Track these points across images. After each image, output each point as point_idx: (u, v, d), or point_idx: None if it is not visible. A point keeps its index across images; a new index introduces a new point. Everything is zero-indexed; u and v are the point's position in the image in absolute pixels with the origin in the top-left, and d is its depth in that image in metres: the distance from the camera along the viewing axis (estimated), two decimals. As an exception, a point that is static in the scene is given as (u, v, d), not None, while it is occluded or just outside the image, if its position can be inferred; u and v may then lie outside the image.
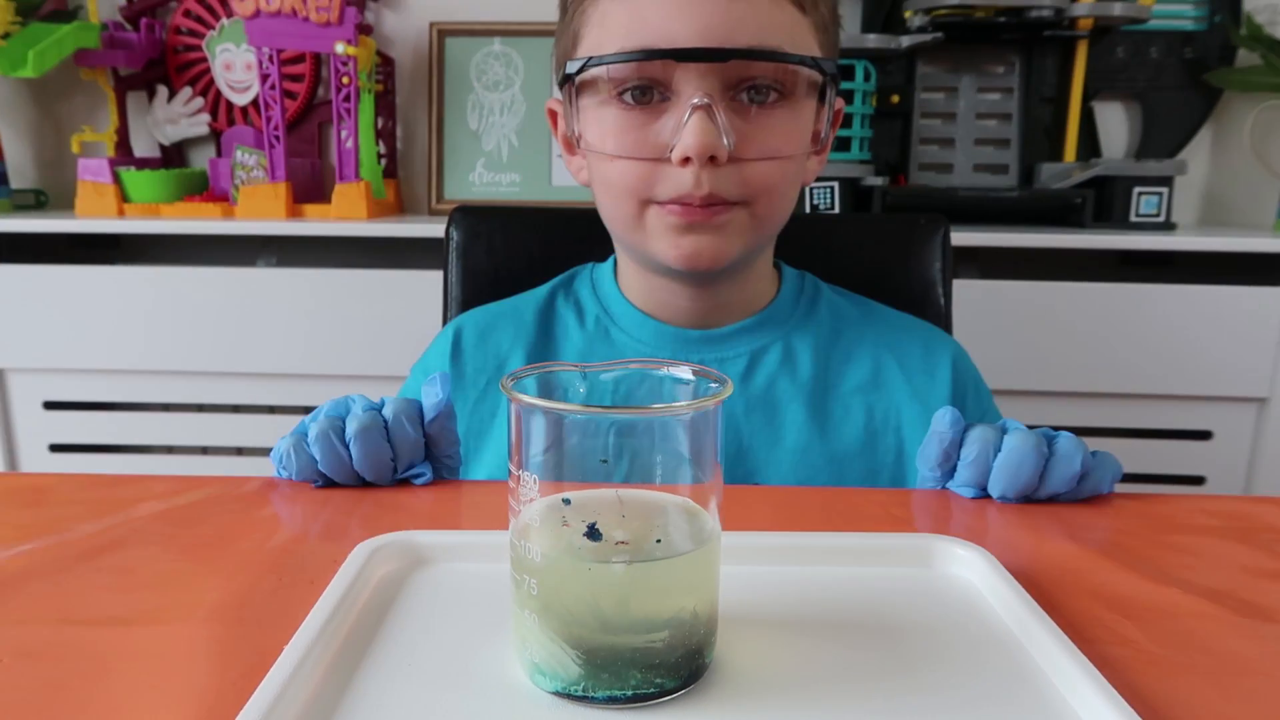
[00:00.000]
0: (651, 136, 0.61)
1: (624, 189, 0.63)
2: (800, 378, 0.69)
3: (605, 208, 0.67)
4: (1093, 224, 1.45)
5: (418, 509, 0.52)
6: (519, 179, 1.63)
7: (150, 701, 0.32)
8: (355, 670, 0.34)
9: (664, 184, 0.61)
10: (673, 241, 0.63)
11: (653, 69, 0.60)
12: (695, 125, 0.58)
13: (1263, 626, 0.39)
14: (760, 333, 0.70)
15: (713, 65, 0.58)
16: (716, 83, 0.59)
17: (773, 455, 0.67)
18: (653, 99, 0.61)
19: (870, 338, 0.72)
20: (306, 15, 1.39)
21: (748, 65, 0.59)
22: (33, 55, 1.41)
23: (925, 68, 1.57)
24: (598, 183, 0.67)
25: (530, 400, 0.32)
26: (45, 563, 0.44)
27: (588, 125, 0.64)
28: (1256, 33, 1.47)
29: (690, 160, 0.59)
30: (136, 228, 1.47)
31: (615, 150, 0.62)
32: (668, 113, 0.61)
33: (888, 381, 0.70)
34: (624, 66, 0.60)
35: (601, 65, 0.60)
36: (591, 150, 0.64)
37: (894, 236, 0.87)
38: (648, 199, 0.63)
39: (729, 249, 0.63)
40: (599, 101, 0.63)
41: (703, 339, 0.70)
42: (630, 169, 0.62)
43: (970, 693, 0.33)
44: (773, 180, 0.63)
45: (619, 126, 0.62)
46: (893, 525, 0.49)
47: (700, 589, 0.33)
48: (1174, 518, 0.52)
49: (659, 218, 0.63)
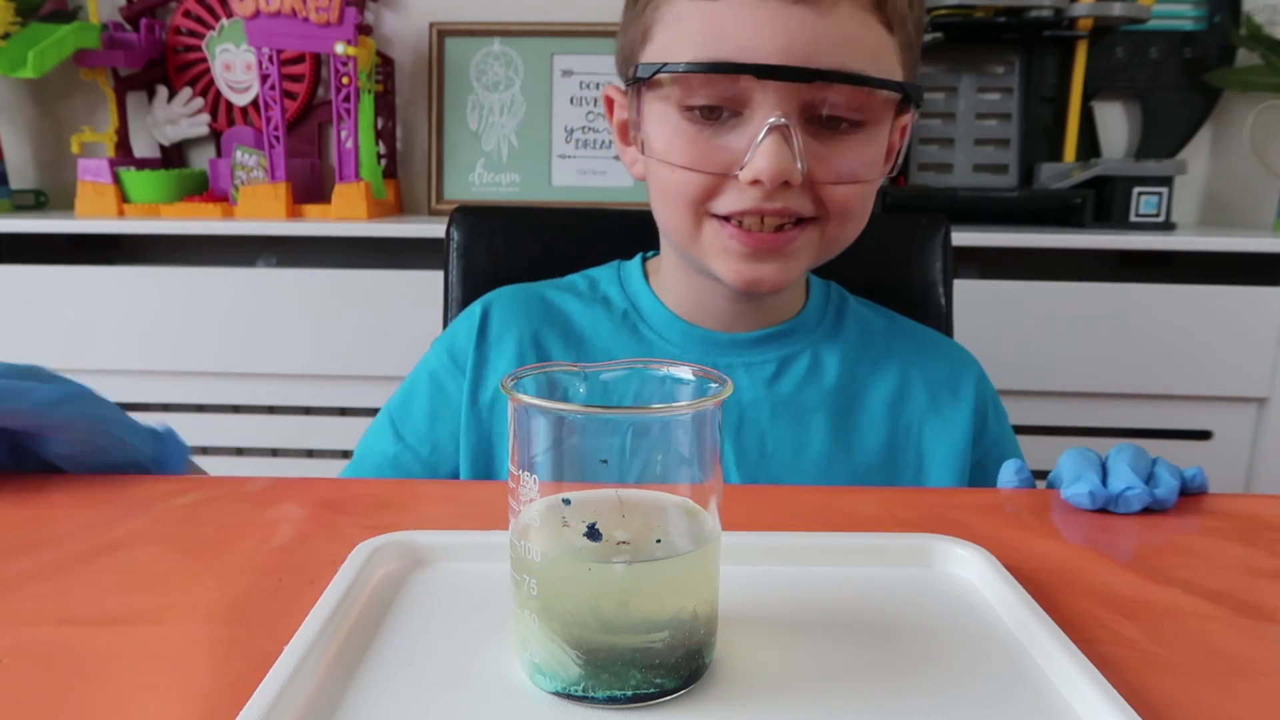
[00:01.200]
0: (720, 150, 0.58)
1: (682, 199, 0.60)
2: (826, 387, 0.68)
3: (660, 214, 0.65)
4: (1092, 224, 1.45)
5: (418, 509, 0.52)
6: (519, 179, 1.63)
7: (150, 701, 0.32)
8: (355, 670, 0.34)
9: (727, 197, 0.58)
10: (734, 265, 0.60)
11: (727, 85, 0.56)
12: (770, 148, 0.55)
13: (1263, 626, 0.39)
14: (789, 340, 0.70)
15: (793, 85, 0.54)
16: (795, 104, 0.56)
17: (797, 463, 0.67)
18: (723, 115, 0.58)
19: (897, 352, 0.71)
20: (306, 15, 1.39)
21: (828, 87, 0.55)
22: (33, 55, 1.41)
23: (925, 68, 1.57)
24: (655, 187, 0.64)
25: (530, 400, 0.32)
26: (45, 563, 0.43)
27: (651, 125, 0.61)
28: (1256, 33, 1.47)
29: (760, 183, 0.56)
30: (136, 228, 1.47)
31: (680, 159, 0.58)
32: (739, 128, 0.57)
33: (912, 398, 0.69)
34: (697, 78, 0.56)
35: (676, 73, 0.56)
36: (654, 156, 0.61)
37: (894, 236, 0.87)
38: (706, 211, 0.60)
39: (793, 273, 0.61)
40: (664, 106, 0.59)
41: (731, 343, 0.69)
42: (692, 181, 0.59)
43: (970, 693, 0.33)
44: (850, 203, 0.60)
45: (685, 136, 0.58)
46: (893, 525, 0.49)
47: (700, 589, 0.33)
48: (1174, 518, 0.52)
49: (717, 235, 0.60)
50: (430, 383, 0.72)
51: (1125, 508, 0.51)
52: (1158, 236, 1.36)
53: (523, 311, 0.72)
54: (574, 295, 0.73)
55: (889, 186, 1.47)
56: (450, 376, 0.71)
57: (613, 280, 0.74)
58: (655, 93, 0.59)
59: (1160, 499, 0.51)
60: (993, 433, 0.71)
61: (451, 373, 0.71)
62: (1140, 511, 0.52)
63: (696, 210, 0.60)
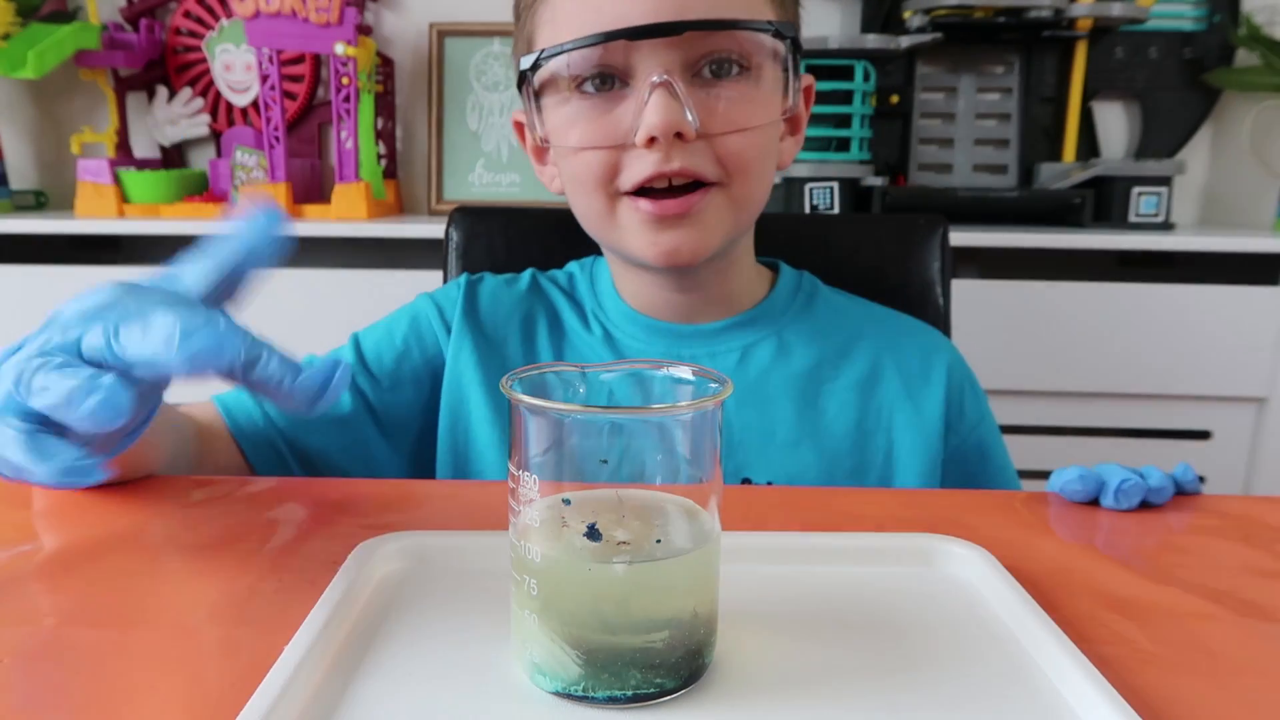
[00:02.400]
0: (614, 123, 0.59)
1: (591, 180, 0.61)
2: (793, 372, 0.69)
3: (577, 207, 0.66)
4: (1092, 224, 1.45)
5: (418, 509, 0.52)
6: (519, 179, 1.63)
7: (150, 701, 0.32)
8: (355, 670, 0.34)
9: (631, 169, 0.60)
10: (649, 239, 0.61)
11: (609, 54, 0.58)
12: (656, 103, 0.56)
13: (1263, 626, 0.39)
14: (753, 328, 0.70)
15: (669, 41, 0.57)
16: (676, 60, 0.58)
17: (764, 449, 0.67)
18: (613, 86, 0.59)
19: (868, 336, 0.72)
20: (306, 16, 1.39)
21: (705, 38, 0.57)
22: (33, 56, 1.42)
23: (925, 68, 1.57)
24: (567, 181, 0.65)
25: (530, 400, 0.32)
26: (45, 563, 0.44)
27: (550, 123, 0.62)
28: (1255, 33, 1.47)
29: (656, 140, 0.57)
30: (136, 228, 1.47)
31: (579, 141, 0.60)
32: (629, 98, 0.59)
33: (883, 381, 0.70)
34: (581, 56, 0.58)
35: (557, 55, 0.58)
36: (556, 146, 0.63)
37: (893, 237, 0.87)
38: (616, 189, 0.61)
39: (709, 240, 0.62)
40: (559, 98, 0.61)
41: (694, 334, 0.70)
42: (595, 159, 0.60)
43: (970, 692, 0.33)
44: (747, 155, 0.61)
45: (580, 117, 0.60)
46: (893, 525, 0.49)
47: (700, 589, 0.33)
48: (1174, 518, 0.52)
49: (631, 211, 0.61)
50: (410, 325, 0.72)
51: (1124, 501, 0.51)
52: (1157, 236, 1.36)
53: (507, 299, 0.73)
54: (557, 288, 0.74)
55: (888, 187, 1.47)
56: (431, 328, 0.72)
57: (585, 277, 0.75)
58: (548, 89, 0.61)
59: (1155, 488, 0.52)
60: (970, 418, 0.71)
61: (435, 325, 0.72)
62: (1138, 508, 0.52)
63: (607, 190, 0.61)
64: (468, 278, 0.75)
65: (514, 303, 0.73)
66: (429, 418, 0.72)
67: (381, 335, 0.72)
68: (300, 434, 0.67)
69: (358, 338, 0.73)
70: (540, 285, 0.75)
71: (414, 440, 0.72)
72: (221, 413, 0.66)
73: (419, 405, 0.72)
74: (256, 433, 0.66)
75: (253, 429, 0.66)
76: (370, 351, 0.71)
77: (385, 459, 0.70)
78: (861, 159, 1.49)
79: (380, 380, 0.70)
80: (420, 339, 0.72)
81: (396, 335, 0.72)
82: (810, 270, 0.77)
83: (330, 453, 0.68)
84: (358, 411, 0.69)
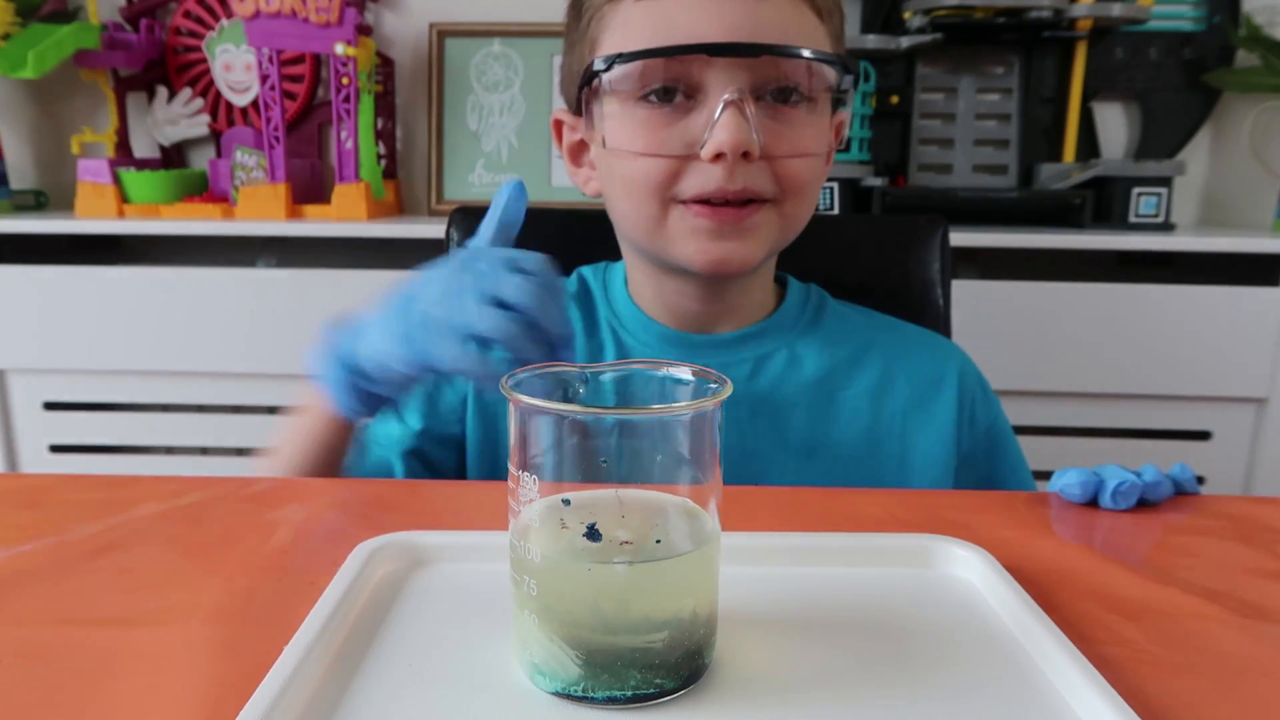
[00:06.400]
0: (680, 133, 0.60)
1: (648, 187, 0.62)
2: (805, 381, 0.69)
3: (624, 210, 0.66)
4: (1092, 224, 1.45)
5: (418, 509, 0.52)
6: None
7: (150, 701, 0.32)
8: (355, 670, 0.34)
9: (691, 180, 0.61)
10: (700, 246, 0.62)
11: (681, 67, 0.59)
12: (728, 121, 0.58)
13: (1263, 626, 0.39)
14: (765, 339, 0.70)
15: (741, 62, 0.58)
16: (745, 80, 0.59)
17: (777, 458, 0.67)
18: (677, 99, 0.60)
19: (878, 345, 0.72)
20: (306, 16, 1.39)
21: (774, 64, 0.59)
22: (33, 56, 1.42)
23: (925, 68, 1.57)
24: (616, 185, 0.65)
25: (530, 401, 0.32)
26: (45, 563, 0.44)
27: (609, 126, 0.63)
28: (1255, 33, 1.47)
29: (723, 156, 0.58)
30: (136, 228, 1.47)
31: (642, 148, 0.61)
32: (695, 111, 0.60)
33: (894, 391, 0.70)
34: (652, 64, 0.59)
35: (633, 61, 0.59)
36: (616, 149, 0.63)
37: (893, 237, 0.87)
38: (672, 197, 0.62)
39: (756, 252, 0.63)
40: (621, 103, 0.62)
41: (707, 344, 0.70)
42: (656, 166, 0.61)
43: (970, 693, 0.33)
44: (803, 178, 0.63)
45: (646, 124, 0.61)
46: (893, 525, 0.49)
47: (700, 589, 0.33)
48: (1174, 518, 0.52)
49: (683, 219, 0.62)
50: None
51: (1121, 502, 0.51)
52: (1157, 237, 1.36)
53: None
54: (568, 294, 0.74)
55: (888, 187, 1.47)
56: None
57: (598, 282, 0.75)
58: (610, 93, 0.62)
59: (1150, 483, 0.52)
60: (982, 422, 0.71)
61: None
62: (1136, 507, 0.52)
63: (662, 197, 0.62)
64: None
65: None
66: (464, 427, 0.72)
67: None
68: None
69: None
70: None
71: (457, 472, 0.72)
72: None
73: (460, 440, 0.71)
74: None
75: None
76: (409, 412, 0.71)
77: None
78: (861, 159, 1.49)
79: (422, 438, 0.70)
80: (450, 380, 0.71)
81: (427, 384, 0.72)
82: (810, 271, 0.77)
83: None
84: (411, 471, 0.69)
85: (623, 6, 0.62)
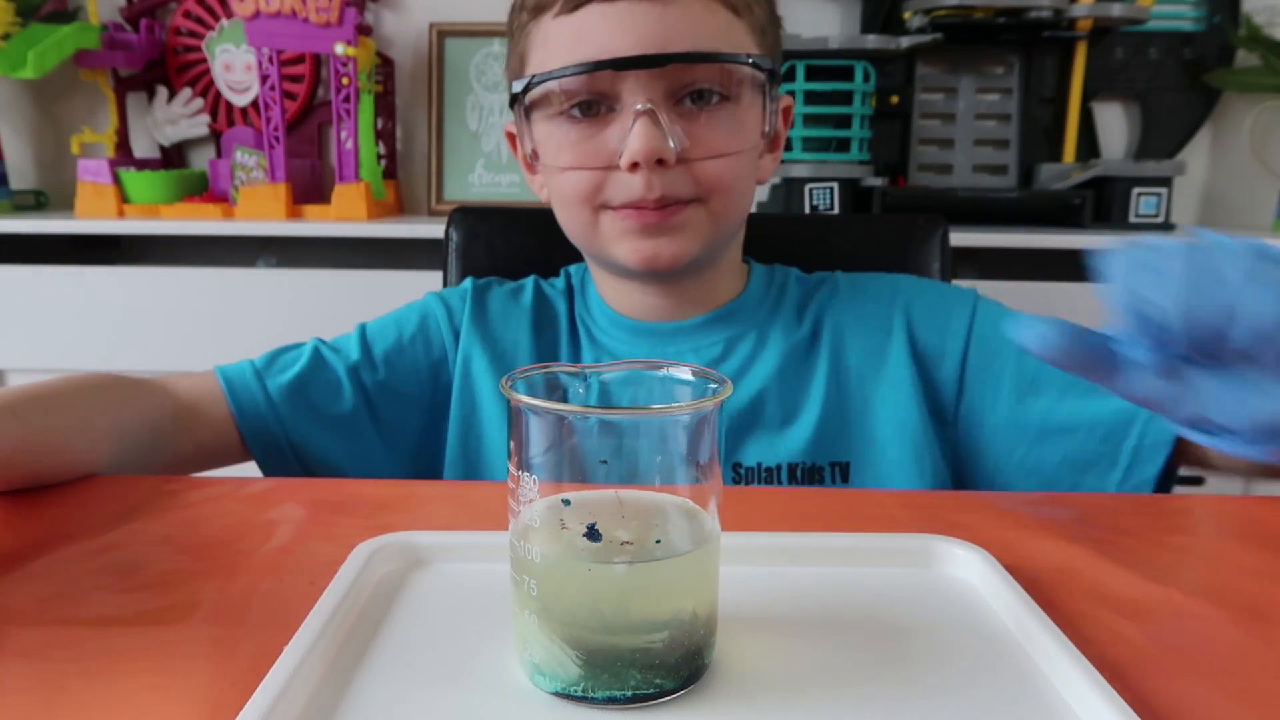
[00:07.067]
0: (600, 146, 0.63)
1: (577, 197, 0.65)
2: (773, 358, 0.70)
3: (563, 219, 0.69)
4: (1092, 225, 1.45)
5: (418, 509, 0.52)
6: (518, 180, 1.63)
7: (150, 701, 0.32)
8: (355, 670, 0.34)
9: (615, 190, 0.63)
10: (631, 246, 0.65)
11: (597, 81, 0.61)
12: (640, 131, 0.60)
13: (1263, 626, 0.39)
14: (732, 321, 0.72)
15: (653, 72, 0.60)
16: (659, 89, 0.61)
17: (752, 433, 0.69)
18: (599, 111, 0.63)
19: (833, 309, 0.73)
20: (306, 16, 1.39)
21: (687, 70, 0.61)
22: (33, 56, 1.42)
23: (924, 68, 1.57)
24: (554, 195, 0.69)
25: (530, 401, 0.32)
26: (45, 563, 0.44)
27: (540, 141, 0.66)
28: (1255, 33, 1.47)
29: (638, 165, 0.61)
30: (136, 228, 1.47)
31: (567, 162, 0.64)
32: (614, 123, 0.62)
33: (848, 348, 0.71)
34: (570, 80, 0.62)
35: (547, 82, 0.62)
36: (545, 164, 0.67)
37: (893, 237, 0.87)
38: (601, 204, 0.65)
39: (688, 248, 0.65)
40: (548, 117, 0.65)
41: (676, 331, 0.72)
42: (582, 178, 0.64)
43: (970, 693, 0.33)
44: (724, 178, 0.64)
45: (569, 139, 0.64)
46: (893, 525, 0.49)
47: (700, 590, 0.33)
48: (1174, 518, 0.52)
49: (614, 223, 0.65)
50: (418, 323, 0.74)
51: None
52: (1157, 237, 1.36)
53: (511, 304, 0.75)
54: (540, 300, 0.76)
55: (888, 187, 1.47)
56: (438, 328, 0.74)
57: (578, 280, 0.77)
58: (538, 108, 0.65)
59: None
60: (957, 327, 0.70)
61: (443, 327, 0.74)
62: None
63: (592, 205, 0.65)
64: (474, 282, 0.76)
65: (521, 312, 0.75)
66: (427, 421, 0.72)
67: (389, 327, 0.73)
68: (299, 426, 0.67)
69: (364, 327, 0.74)
70: (544, 293, 0.77)
71: (413, 443, 0.72)
72: (224, 387, 0.67)
73: (419, 405, 0.72)
74: (257, 414, 0.67)
75: (254, 409, 0.67)
76: (376, 342, 0.72)
77: (381, 460, 0.70)
78: (861, 159, 1.48)
79: (382, 371, 0.71)
80: (427, 338, 0.73)
81: (405, 330, 0.73)
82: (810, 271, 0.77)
83: (325, 446, 0.68)
84: (356, 407, 0.69)
85: (543, 24, 0.64)
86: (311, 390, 0.68)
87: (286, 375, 0.68)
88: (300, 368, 0.69)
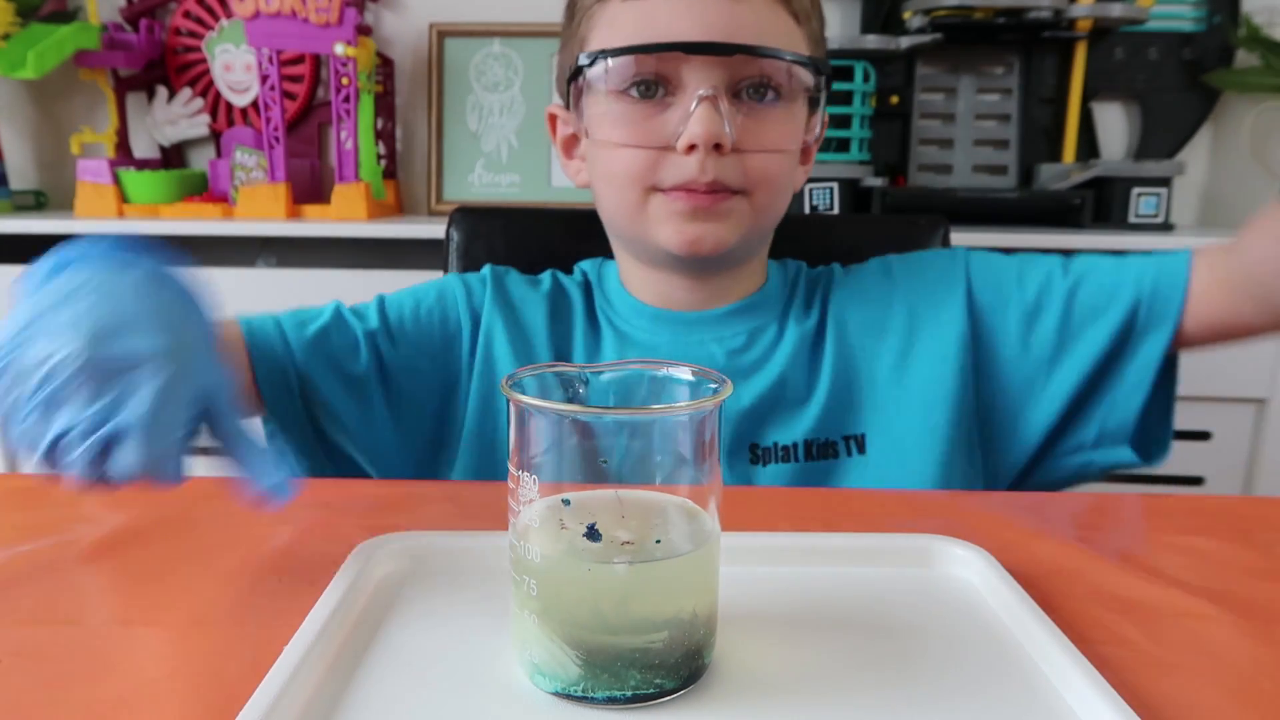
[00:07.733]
0: (658, 127, 0.64)
1: (629, 176, 0.65)
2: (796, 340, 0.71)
3: (607, 199, 0.69)
4: (1092, 225, 1.45)
5: (418, 509, 0.52)
6: (519, 180, 1.63)
7: (151, 701, 0.32)
8: (355, 670, 0.34)
9: (668, 171, 0.64)
10: (677, 227, 0.65)
11: (661, 63, 0.63)
12: (702, 114, 0.61)
13: (1263, 626, 0.39)
14: (756, 313, 0.72)
15: (717, 60, 0.62)
16: (722, 78, 0.62)
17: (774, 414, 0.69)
18: (657, 94, 0.64)
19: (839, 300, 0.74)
20: (306, 16, 1.39)
21: (749, 62, 0.62)
22: (32, 56, 1.41)
23: (924, 69, 1.57)
24: (601, 175, 0.69)
25: (530, 401, 0.32)
26: (45, 563, 0.44)
27: (593, 119, 0.67)
28: (1255, 34, 1.47)
29: (696, 148, 0.62)
30: (136, 228, 1.46)
31: (623, 139, 0.65)
32: (673, 106, 0.64)
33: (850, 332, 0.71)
34: (633, 60, 0.63)
35: (615, 57, 0.63)
36: (598, 142, 0.67)
37: (893, 237, 0.87)
38: (652, 185, 0.65)
39: (729, 237, 0.66)
40: (606, 96, 0.65)
41: (700, 320, 0.72)
42: (636, 157, 0.65)
43: (970, 693, 0.33)
44: (771, 172, 0.66)
45: (627, 117, 0.65)
46: (893, 525, 0.49)
47: (700, 590, 0.33)
48: (1174, 518, 0.52)
49: (663, 204, 0.65)
50: (436, 299, 0.74)
51: None
52: (1157, 237, 1.36)
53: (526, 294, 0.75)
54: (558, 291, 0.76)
55: (888, 187, 1.47)
56: (456, 307, 0.74)
57: (594, 274, 0.78)
58: (596, 87, 0.66)
59: None
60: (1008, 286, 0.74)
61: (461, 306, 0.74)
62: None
63: (643, 185, 0.66)
64: (493, 269, 0.77)
65: (539, 298, 0.75)
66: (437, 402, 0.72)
67: (407, 300, 0.74)
68: (314, 374, 0.68)
69: (383, 299, 0.74)
70: (561, 284, 0.77)
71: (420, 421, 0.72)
72: (244, 331, 0.68)
73: (433, 382, 0.72)
74: (274, 357, 0.68)
75: (271, 353, 0.68)
76: (394, 313, 0.73)
77: (388, 434, 0.71)
78: (861, 159, 1.48)
79: (398, 342, 0.71)
80: (444, 313, 0.74)
81: (422, 304, 0.74)
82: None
83: (336, 405, 0.69)
84: (369, 372, 0.70)
85: (610, 5, 0.65)
86: (331, 343, 0.69)
87: (308, 328, 0.70)
88: (322, 322, 0.71)
